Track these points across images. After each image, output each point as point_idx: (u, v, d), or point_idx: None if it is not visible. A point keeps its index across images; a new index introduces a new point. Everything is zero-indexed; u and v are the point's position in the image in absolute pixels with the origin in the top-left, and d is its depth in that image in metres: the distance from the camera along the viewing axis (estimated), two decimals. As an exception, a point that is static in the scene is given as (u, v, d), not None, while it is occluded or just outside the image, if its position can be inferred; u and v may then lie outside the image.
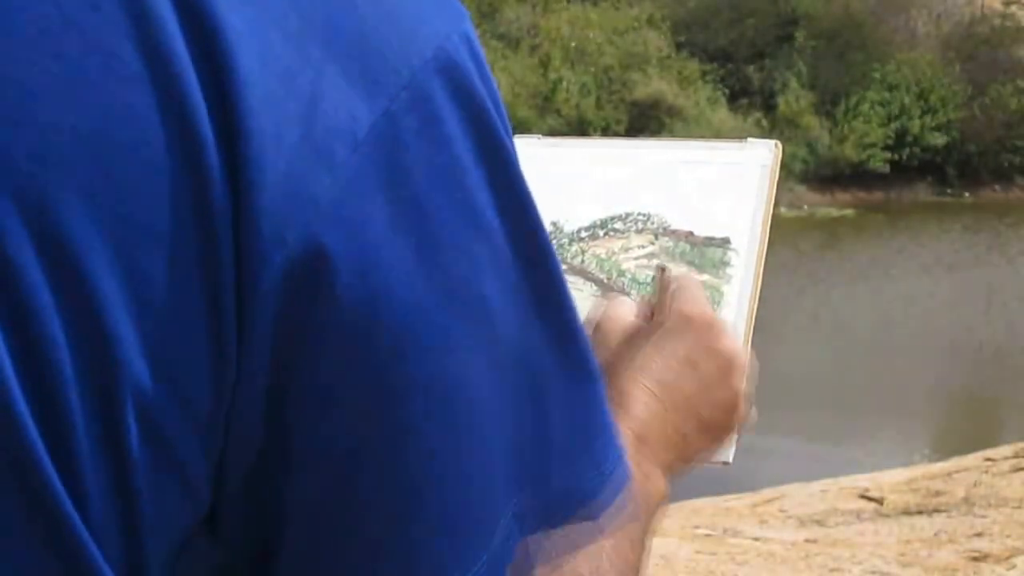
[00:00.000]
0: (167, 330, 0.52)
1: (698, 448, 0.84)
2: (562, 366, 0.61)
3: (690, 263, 1.21)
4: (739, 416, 0.86)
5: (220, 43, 0.53)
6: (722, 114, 26.47)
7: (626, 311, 0.89)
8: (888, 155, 26.72)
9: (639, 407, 0.81)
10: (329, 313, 0.53)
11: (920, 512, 5.23)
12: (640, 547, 0.74)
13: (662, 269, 1.11)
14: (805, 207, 23.81)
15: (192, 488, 0.54)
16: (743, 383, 0.86)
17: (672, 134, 21.26)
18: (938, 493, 5.48)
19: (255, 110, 0.53)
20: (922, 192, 26.69)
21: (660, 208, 1.25)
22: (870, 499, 5.53)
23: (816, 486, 6.07)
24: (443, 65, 0.57)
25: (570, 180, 1.29)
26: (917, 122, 27.14)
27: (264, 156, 0.52)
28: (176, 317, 0.52)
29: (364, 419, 0.55)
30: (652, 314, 0.88)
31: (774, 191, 1.22)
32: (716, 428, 0.85)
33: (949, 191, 26.71)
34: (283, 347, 0.53)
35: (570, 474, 0.61)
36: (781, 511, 5.56)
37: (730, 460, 1.10)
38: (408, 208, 0.55)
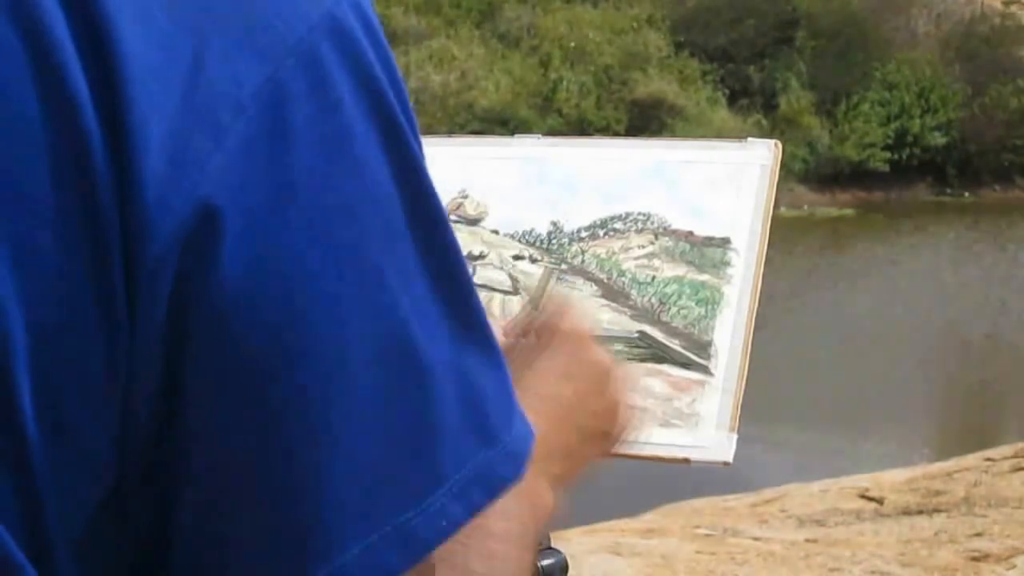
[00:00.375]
0: (53, 301, 0.53)
1: (583, 458, 0.86)
2: (460, 337, 0.61)
3: (690, 263, 1.21)
4: (621, 423, 0.87)
5: (99, 14, 0.53)
6: (722, 114, 26.45)
7: (496, 331, 0.90)
8: (888, 155, 26.70)
9: None
10: (219, 276, 0.54)
11: (920, 512, 5.23)
12: (529, 558, 0.75)
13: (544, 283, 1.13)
14: (805, 207, 23.79)
15: (93, 463, 0.54)
16: (621, 391, 0.87)
17: (672, 134, 21.26)
18: (938, 493, 5.47)
19: (136, 78, 0.53)
20: (922, 192, 26.66)
21: (660, 208, 1.24)
22: (870, 499, 5.53)
23: (816, 486, 6.06)
24: (331, 30, 0.57)
25: (570, 180, 1.29)
26: (917, 122, 27.12)
27: (147, 124, 0.53)
28: (62, 287, 0.53)
29: (256, 384, 0.55)
30: (524, 332, 0.88)
31: (774, 191, 1.22)
32: (599, 437, 0.86)
33: (949, 191, 26.68)
34: (177, 312, 0.54)
35: (471, 448, 0.61)
36: (781, 511, 5.56)
37: (730, 460, 1.10)
38: (295, 173, 0.55)
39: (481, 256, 1.26)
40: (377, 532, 0.57)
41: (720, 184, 1.23)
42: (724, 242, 1.20)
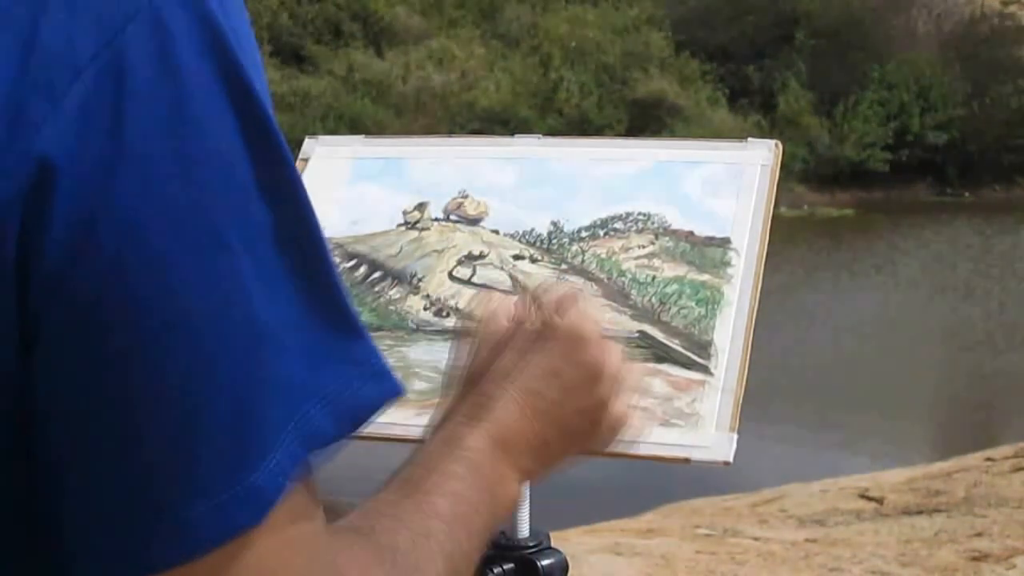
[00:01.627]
0: None
1: (561, 454, 0.87)
2: (306, 298, 0.62)
3: (690, 263, 1.21)
4: (605, 424, 0.88)
5: None
6: (722, 114, 26.46)
7: (499, 311, 0.90)
8: (888, 154, 26.71)
9: (501, 411, 0.83)
10: (53, 233, 0.56)
11: (920, 512, 5.23)
12: (477, 541, 0.77)
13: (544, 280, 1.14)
14: (805, 207, 23.80)
15: None
16: (611, 393, 0.87)
17: (672, 133, 21.24)
18: (938, 493, 5.47)
19: None
20: (922, 192, 26.67)
21: (660, 208, 1.24)
22: (870, 499, 5.53)
23: (816, 486, 6.06)
24: None
25: (570, 180, 1.29)
26: (917, 121, 27.13)
27: None
28: None
29: (92, 339, 0.57)
30: (523, 318, 0.89)
31: (774, 191, 1.22)
32: (580, 435, 0.87)
33: (949, 190, 26.69)
34: (21, 268, 0.56)
35: (333, 378, 0.62)
36: (781, 511, 5.56)
37: (730, 460, 1.10)
38: (130, 134, 0.57)
39: (481, 256, 1.26)
40: (226, 492, 0.58)
41: (720, 184, 1.23)
42: (724, 242, 1.20)
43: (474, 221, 1.28)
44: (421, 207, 1.30)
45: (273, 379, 0.60)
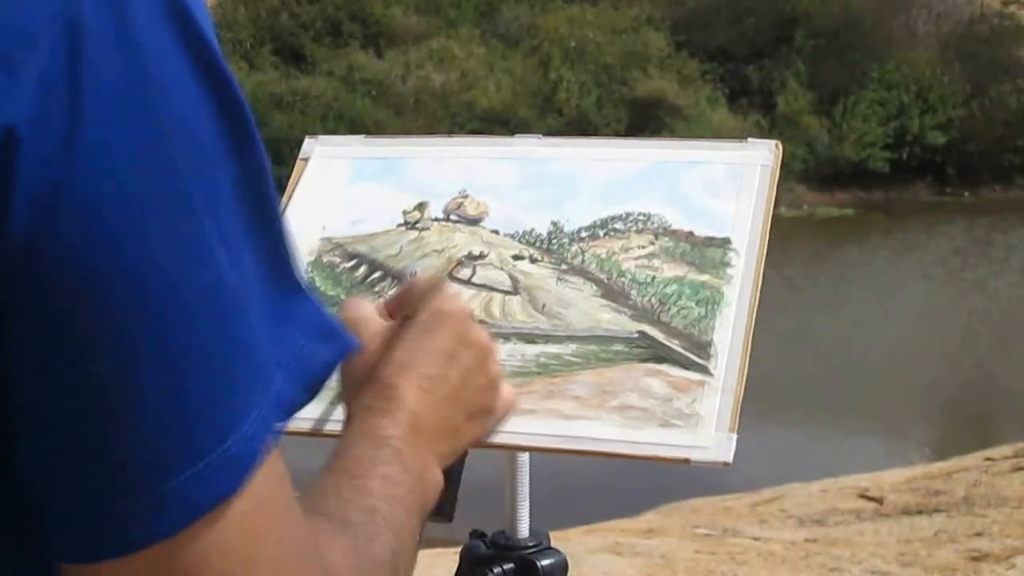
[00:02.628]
0: None
1: (468, 434, 0.89)
2: (277, 253, 0.63)
3: (690, 263, 1.21)
4: (501, 398, 0.91)
5: None
6: (722, 114, 26.44)
7: (369, 312, 0.93)
8: (888, 154, 26.69)
9: (411, 400, 0.85)
10: (19, 204, 0.55)
11: (920, 512, 5.23)
12: (415, 523, 0.79)
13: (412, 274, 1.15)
14: (805, 207, 23.78)
15: None
16: (498, 367, 0.91)
17: (672, 133, 21.24)
18: (938, 493, 5.47)
19: None
20: (922, 192, 26.65)
21: (660, 208, 1.24)
22: (870, 499, 5.53)
23: (816, 486, 6.07)
24: None
25: (570, 180, 1.29)
26: (917, 121, 27.10)
27: None
28: None
29: (62, 312, 0.57)
30: (392, 313, 0.92)
31: (774, 191, 1.22)
32: (482, 413, 0.90)
33: (949, 191, 26.66)
34: None
35: (312, 346, 0.64)
36: (781, 511, 5.56)
37: (730, 460, 1.10)
38: (91, 103, 0.57)
39: (481, 256, 1.26)
40: (204, 461, 0.59)
41: (720, 184, 1.23)
42: (724, 242, 1.20)
43: (474, 221, 1.28)
44: (421, 207, 1.30)
45: (241, 344, 0.60)
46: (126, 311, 0.57)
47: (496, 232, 1.27)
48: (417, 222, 1.29)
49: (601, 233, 1.24)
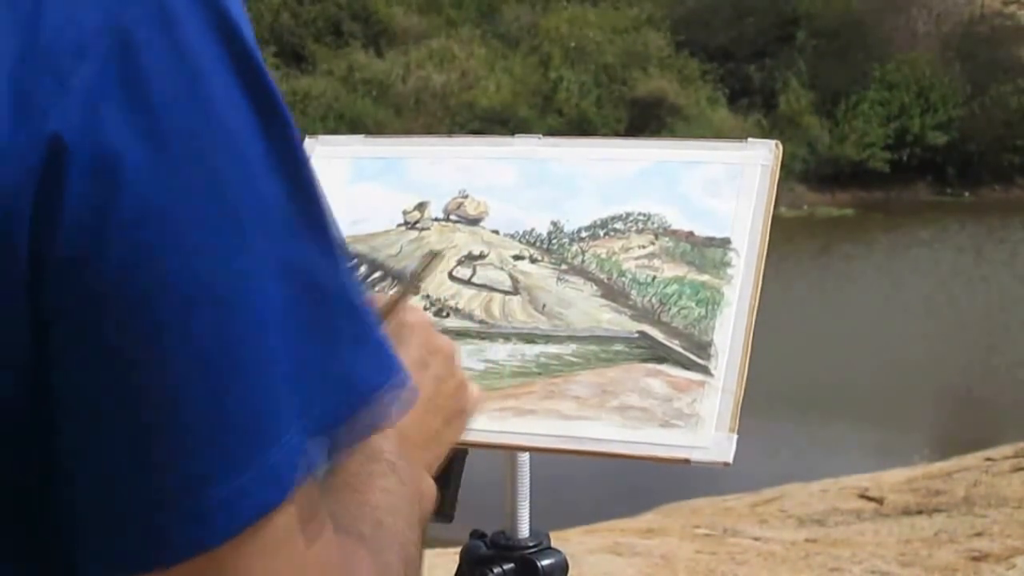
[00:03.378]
0: None
1: (448, 439, 0.90)
2: (328, 272, 0.63)
3: (690, 263, 1.21)
4: (470, 398, 0.92)
5: None
6: (722, 113, 26.43)
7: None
8: (888, 154, 26.68)
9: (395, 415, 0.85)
10: (70, 213, 0.55)
11: (920, 512, 5.23)
12: (416, 534, 0.78)
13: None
14: (805, 207, 23.78)
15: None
16: (462, 369, 0.92)
17: (672, 133, 21.23)
18: (938, 493, 5.47)
19: None
20: (922, 192, 26.64)
21: (660, 208, 1.24)
22: (870, 499, 5.52)
23: (816, 486, 6.06)
24: None
25: (570, 180, 1.29)
26: (917, 121, 27.10)
27: None
28: None
29: (113, 322, 0.56)
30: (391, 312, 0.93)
31: (774, 191, 1.22)
32: (457, 415, 0.91)
33: (949, 191, 26.65)
34: (36, 251, 0.55)
35: (358, 367, 0.64)
36: (781, 511, 5.56)
37: (730, 460, 1.10)
38: (145, 110, 0.57)
39: (481, 256, 1.26)
40: (248, 473, 0.58)
41: (720, 184, 1.23)
42: (724, 242, 1.20)
43: (474, 221, 1.28)
44: (421, 207, 1.30)
45: (285, 359, 0.60)
46: (175, 323, 0.57)
47: (496, 232, 1.26)
48: (417, 222, 1.29)
49: (601, 233, 1.24)
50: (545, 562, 1.22)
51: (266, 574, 0.60)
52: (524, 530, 1.24)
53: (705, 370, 1.14)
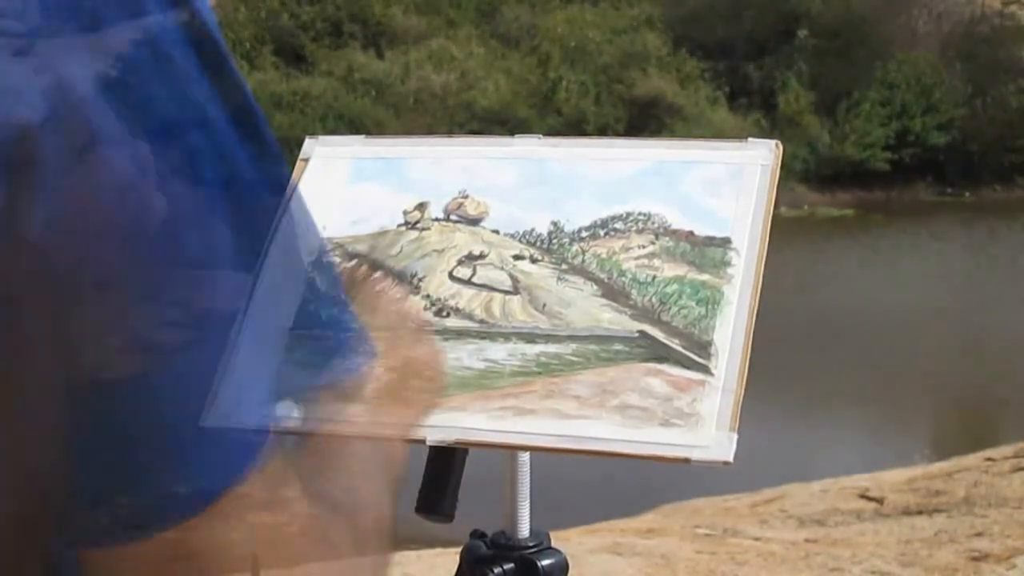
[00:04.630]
0: None
1: (419, 400, 0.92)
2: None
3: (690, 263, 1.21)
4: (437, 356, 0.95)
5: None
6: (722, 113, 26.45)
7: None
8: (889, 154, 26.71)
9: None
10: (40, 194, 0.56)
11: (920, 512, 5.23)
12: (390, 497, 0.80)
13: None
14: (805, 207, 23.79)
15: None
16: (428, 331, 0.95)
17: (672, 133, 21.23)
18: (938, 493, 5.48)
19: None
20: (922, 192, 26.66)
21: (660, 208, 1.24)
22: (870, 499, 5.53)
23: (816, 486, 6.07)
24: None
25: (570, 180, 1.29)
26: (918, 121, 27.12)
27: None
28: None
29: (74, 302, 0.57)
30: None
31: (774, 191, 1.22)
32: (425, 377, 0.94)
33: (950, 191, 26.68)
34: (8, 232, 0.56)
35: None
36: (781, 511, 5.56)
37: (731, 460, 1.10)
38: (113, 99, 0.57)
39: (481, 256, 1.26)
40: (212, 447, 0.61)
41: (721, 184, 1.23)
42: (724, 242, 1.20)
43: (474, 221, 1.28)
44: (421, 207, 1.30)
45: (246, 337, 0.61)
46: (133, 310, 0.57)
47: (496, 232, 1.27)
48: (417, 222, 1.29)
49: (601, 233, 1.24)
50: (545, 562, 1.22)
51: (238, 543, 0.61)
52: (524, 530, 1.24)
53: (705, 369, 1.14)
